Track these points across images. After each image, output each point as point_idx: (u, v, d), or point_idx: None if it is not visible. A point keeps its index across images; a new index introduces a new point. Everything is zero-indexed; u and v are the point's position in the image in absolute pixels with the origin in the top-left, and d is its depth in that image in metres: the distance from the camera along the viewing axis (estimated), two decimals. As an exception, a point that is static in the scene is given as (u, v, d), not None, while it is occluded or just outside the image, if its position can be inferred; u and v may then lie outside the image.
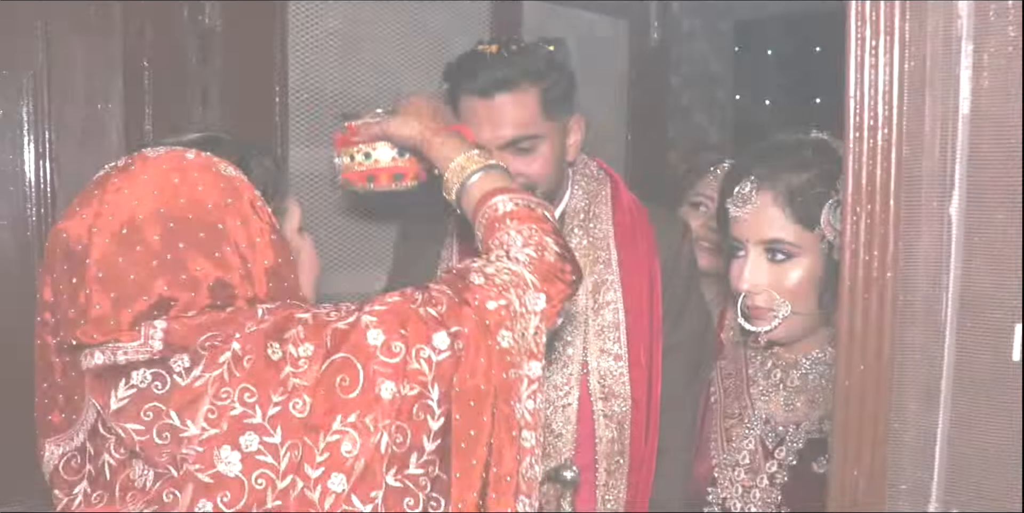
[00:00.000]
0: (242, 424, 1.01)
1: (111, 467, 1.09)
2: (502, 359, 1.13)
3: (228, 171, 1.15)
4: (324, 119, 2.62)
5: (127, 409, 1.04)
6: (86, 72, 2.08)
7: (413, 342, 1.08)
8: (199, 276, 1.08)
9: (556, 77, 1.78)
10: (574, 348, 1.82)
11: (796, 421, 1.57)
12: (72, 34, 2.05)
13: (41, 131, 2.02)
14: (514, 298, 1.16)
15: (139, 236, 1.06)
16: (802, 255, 1.49)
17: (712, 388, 1.76)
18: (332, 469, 1.03)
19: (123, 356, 1.05)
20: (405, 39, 2.83)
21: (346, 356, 1.05)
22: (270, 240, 1.15)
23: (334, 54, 2.62)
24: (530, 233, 1.26)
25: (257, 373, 1.03)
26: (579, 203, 1.92)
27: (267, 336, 1.05)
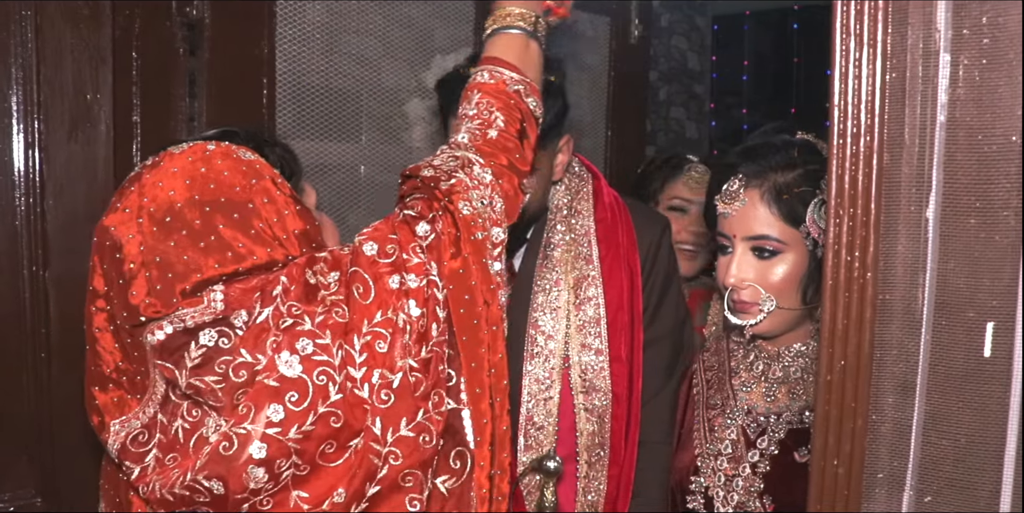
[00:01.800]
0: (295, 332, 1.13)
1: (184, 430, 1.17)
2: (467, 225, 1.24)
3: (247, 156, 1.25)
4: (310, 110, 2.64)
5: (202, 365, 1.14)
6: (76, 63, 2.09)
7: (402, 241, 1.20)
8: (243, 251, 1.17)
9: (549, 105, 1.68)
10: (556, 342, 1.83)
11: (777, 412, 1.59)
12: (62, 25, 2.05)
13: (30, 121, 2.02)
14: (463, 176, 1.27)
15: (182, 222, 1.16)
16: (787, 251, 1.51)
17: (695, 380, 1.78)
18: (373, 366, 1.14)
19: (191, 320, 1.14)
20: (387, 31, 2.84)
21: (355, 270, 1.17)
22: (296, 210, 1.24)
23: (318, 46, 2.64)
24: (483, 109, 1.38)
25: (301, 295, 1.16)
26: (562, 199, 1.92)
27: (303, 266, 1.19)
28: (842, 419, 0.97)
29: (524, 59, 1.46)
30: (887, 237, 0.97)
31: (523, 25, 1.47)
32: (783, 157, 1.54)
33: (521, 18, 1.47)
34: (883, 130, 0.96)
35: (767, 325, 1.55)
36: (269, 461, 1.11)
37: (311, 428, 1.11)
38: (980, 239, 0.92)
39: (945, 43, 0.94)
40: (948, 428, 0.94)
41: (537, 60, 1.50)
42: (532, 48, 1.49)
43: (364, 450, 1.13)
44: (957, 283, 0.94)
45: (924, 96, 0.96)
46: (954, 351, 0.93)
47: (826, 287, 0.99)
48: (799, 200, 1.50)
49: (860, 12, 0.95)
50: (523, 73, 1.43)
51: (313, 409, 1.11)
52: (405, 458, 1.14)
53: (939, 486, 0.94)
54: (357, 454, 1.14)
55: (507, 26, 1.48)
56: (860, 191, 0.97)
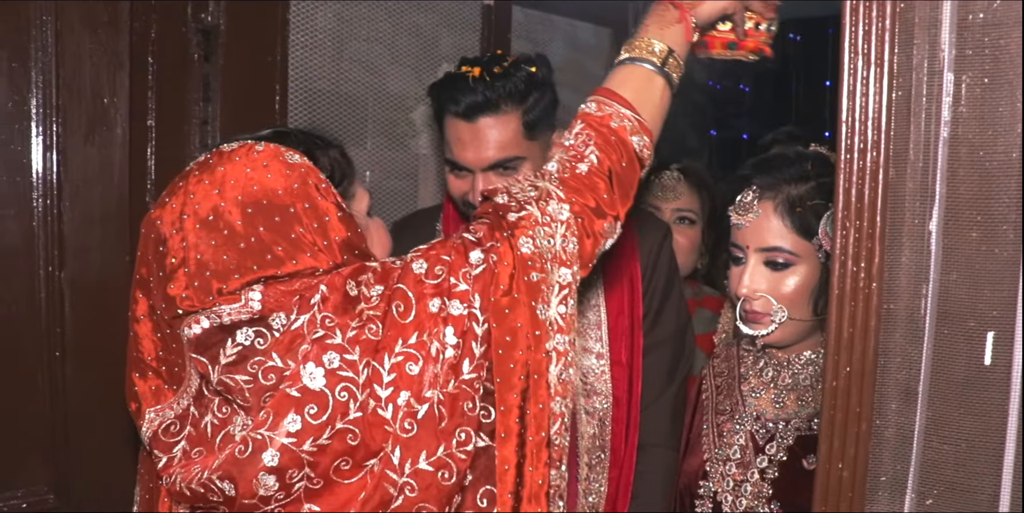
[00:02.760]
0: (324, 344, 1.12)
1: (213, 426, 1.18)
2: (524, 264, 1.18)
3: (294, 159, 1.24)
4: (320, 116, 2.68)
5: (236, 363, 1.15)
6: (94, 67, 2.12)
7: (454, 264, 1.16)
8: (282, 255, 1.18)
9: (537, 97, 1.79)
10: None
11: (785, 418, 1.60)
12: (81, 30, 2.09)
13: (49, 124, 2.06)
14: (535, 210, 1.21)
15: (224, 222, 1.17)
16: (800, 263, 1.52)
17: (704, 385, 1.79)
18: (400, 387, 1.12)
19: (228, 317, 1.16)
20: (395, 38, 2.87)
21: (400, 286, 1.15)
22: (338, 217, 1.23)
23: (328, 52, 2.67)
24: (580, 141, 1.30)
25: (337, 306, 1.14)
26: None
27: (346, 277, 1.17)
28: (847, 424, 1.01)
29: (642, 95, 1.36)
30: (892, 249, 1.00)
31: (652, 60, 1.38)
32: (797, 170, 1.56)
33: (654, 54, 1.38)
34: (889, 146, 1.00)
35: (778, 335, 1.55)
36: (281, 470, 1.11)
37: (327, 442, 1.11)
38: (981, 252, 0.96)
39: (949, 63, 0.98)
40: (949, 433, 0.97)
41: (659, 100, 1.39)
42: (656, 85, 1.39)
43: (380, 476, 1.12)
44: (959, 294, 0.97)
45: (928, 114, 0.99)
46: (955, 359, 0.97)
47: (832, 296, 1.02)
48: (812, 213, 1.51)
49: (868, 33, 0.99)
50: (636, 109, 1.34)
51: (331, 424, 1.11)
52: (421, 491, 1.12)
53: (940, 489, 0.97)
54: (373, 477, 1.12)
55: (636, 58, 1.39)
56: (866, 204, 1.00)
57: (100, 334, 2.12)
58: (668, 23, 1.42)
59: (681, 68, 1.42)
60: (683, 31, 1.43)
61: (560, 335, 1.21)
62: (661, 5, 1.45)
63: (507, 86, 1.75)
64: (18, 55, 2.01)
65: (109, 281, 2.16)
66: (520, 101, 1.77)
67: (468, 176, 1.80)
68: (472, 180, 1.78)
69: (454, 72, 1.83)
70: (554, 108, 1.85)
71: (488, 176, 1.77)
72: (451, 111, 1.77)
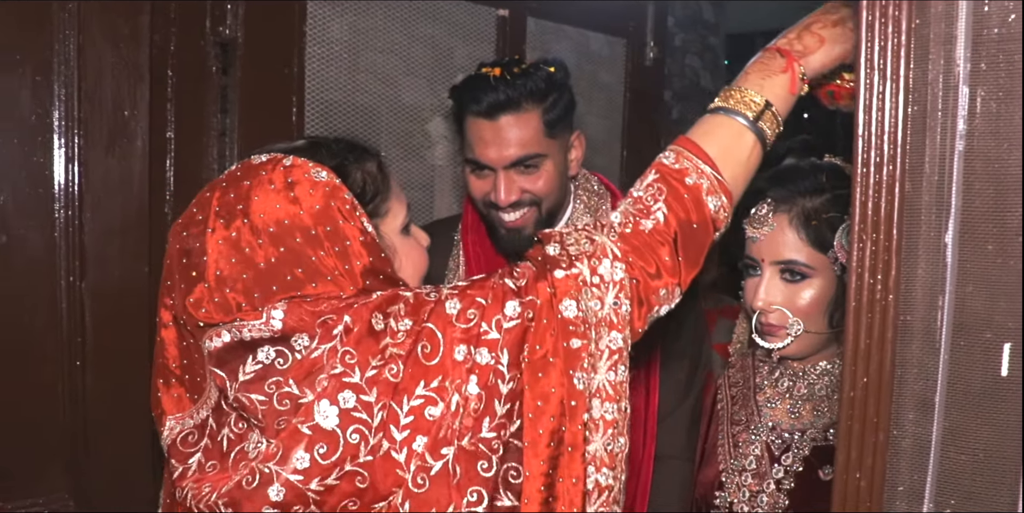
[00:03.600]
0: (341, 382, 1.09)
1: (229, 440, 1.16)
2: (564, 328, 1.11)
3: (320, 176, 1.20)
4: (336, 127, 2.70)
5: (253, 382, 1.12)
6: (115, 80, 2.16)
7: (488, 310, 1.11)
8: (301, 277, 1.15)
9: (556, 97, 1.82)
10: None
11: (801, 429, 1.59)
12: (103, 44, 2.13)
13: (71, 136, 2.09)
14: (585, 268, 1.14)
15: (245, 241, 1.15)
16: (815, 276, 1.51)
17: (719, 395, 1.79)
18: (417, 431, 1.08)
19: (248, 333, 1.13)
20: (409, 50, 2.90)
21: (428, 325, 1.11)
22: (360, 242, 1.19)
23: (343, 64, 2.70)
24: (650, 194, 1.20)
25: (360, 340, 1.10)
26: (580, 217, 1.95)
27: (373, 309, 1.12)
28: (864, 434, 1.02)
29: (728, 151, 1.25)
30: (908, 261, 1.01)
31: (746, 112, 1.26)
32: (812, 182, 1.55)
33: (748, 106, 1.26)
34: (905, 160, 1.01)
35: (794, 348, 1.55)
36: (285, 505, 1.08)
37: (335, 483, 1.08)
38: (997, 264, 0.96)
39: (964, 78, 0.99)
40: (966, 443, 0.97)
41: (746, 158, 1.26)
42: (745, 142, 1.26)
43: None
44: (975, 305, 0.97)
45: (944, 127, 1.00)
46: (972, 370, 0.97)
47: (849, 308, 1.03)
48: (827, 225, 1.50)
49: (884, 49, 1.00)
50: (718, 167, 1.22)
51: (340, 465, 1.08)
52: None
53: (958, 499, 0.98)
54: None
55: (728, 109, 1.27)
56: (883, 217, 1.01)
57: (120, 343, 2.15)
58: (771, 72, 1.29)
59: (779, 125, 1.29)
60: (787, 83, 1.29)
61: (609, 403, 1.14)
62: (767, 52, 1.33)
63: (528, 85, 1.78)
64: (41, 69, 2.04)
65: (129, 291, 2.19)
66: (540, 100, 1.80)
67: (490, 175, 1.82)
68: (494, 179, 1.81)
69: (474, 74, 1.86)
70: (572, 109, 1.88)
71: (510, 174, 1.79)
72: (472, 110, 1.80)
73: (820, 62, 1.31)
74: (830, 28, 1.32)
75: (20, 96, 2.02)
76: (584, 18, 3.46)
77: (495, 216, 1.85)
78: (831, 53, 1.31)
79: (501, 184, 1.79)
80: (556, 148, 1.84)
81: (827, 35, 1.31)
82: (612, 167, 3.65)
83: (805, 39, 1.31)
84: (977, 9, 0.96)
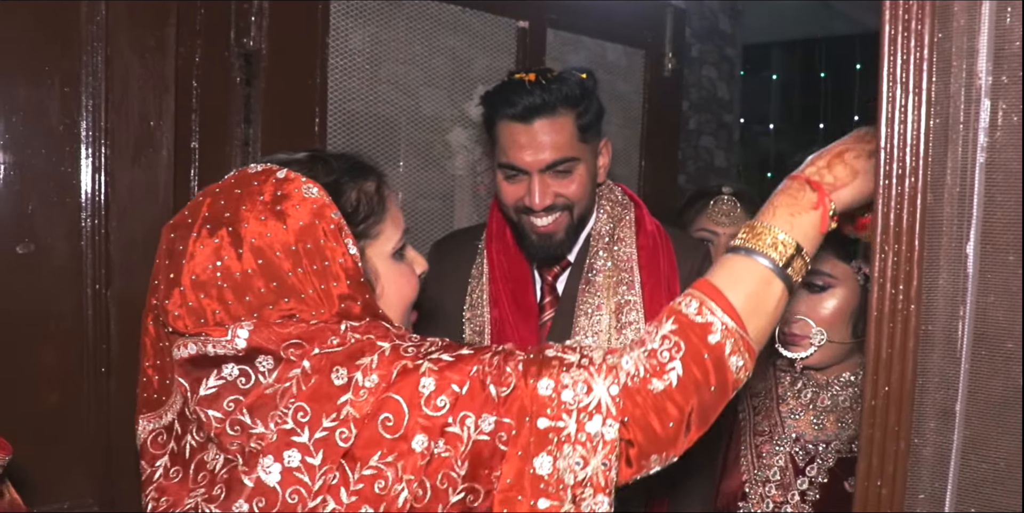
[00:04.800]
0: (289, 440, 1.06)
1: (191, 448, 1.17)
2: (535, 485, 1.02)
3: (311, 193, 1.18)
4: (358, 138, 2.73)
5: (212, 397, 1.12)
6: (141, 91, 2.18)
7: (460, 403, 1.05)
8: (275, 290, 1.14)
9: (588, 102, 1.84)
10: None
11: (826, 440, 1.59)
12: (130, 55, 2.15)
13: (98, 146, 2.12)
14: (571, 424, 1.03)
15: (227, 249, 1.14)
16: (838, 286, 1.52)
17: (740, 405, 1.79)
18: (363, 501, 1.04)
19: (213, 349, 1.13)
20: (429, 60, 2.93)
21: (395, 397, 1.05)
22: (339, 264, 1.17)
23: (364, 75, 2.73)
24: (666, 348, 1.07)
25: (317, 395, 1.07)
26: (604, 227, 1.97)
27: (336, 361, 1.08)
28: (885, 442, 1.03)
29: (755, 302, 1.12)
30: (929, 272, 1.02)
31: (775, 257, 1.14)
32: None
33: (777, 248, 1.15)
34: (927, 172, 1.02)
35: (817, 358, 1.55)
36: None
37: None
38: (1018, 274, 0.98)
39: (986, 91, 1.01)
40: (987, 452, 0.99)
41: (773, 309, 1.14)
42: (773, 291, 1.14)
43: None
44: (996, 315, 0.99)
45: (966, 140, 1.02)
46: (993, 380, 0.99)
47: (871, 318, 1.05)
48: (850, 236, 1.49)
49: (907, 62, 1.02)
50: (743, 321, 1.10)
51: None
52: None
53: (978, 508, 0.99)
54: None
55: (755, 251, 1.15)
56: (904, 228, 1.03)
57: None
58: (802, 208, 1.18)
59: (806, 270, 1.18)
60: (818, 221, 1.18)
61: None
62: (795, 182, 1.21)
63: (563, 89, 1.80)
64: (69, 80, 2.07)
65: (154, 299, 2.21)
66: (574, 104, 1.82)
67: (523, 180, 1.84)
68: (528, 184, 1.82)
69: (508, 79, 1.88)
70: (601, 116, 1.91)
71: (544, 178, 1.81)
72: (507, 114, 1.82)
73: (851, 196, 1.21)
74: (864, 159, 1.21)
75: (48, 107, 2.05)
76: (603, 29, 3.48)
77: (527, 221, 1.87)
78: (864, 188, 1.20)
79: (536, 188, 1.80)
80: (588, 153, 1.87)
81: (861, 167, 1.21)
82: (631, 177, 3.67)
83: (836, 170, 1.20)
84: (999, 23, 0.98)
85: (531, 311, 1.94)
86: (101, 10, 2.09)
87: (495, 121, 1.87)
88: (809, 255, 1.18)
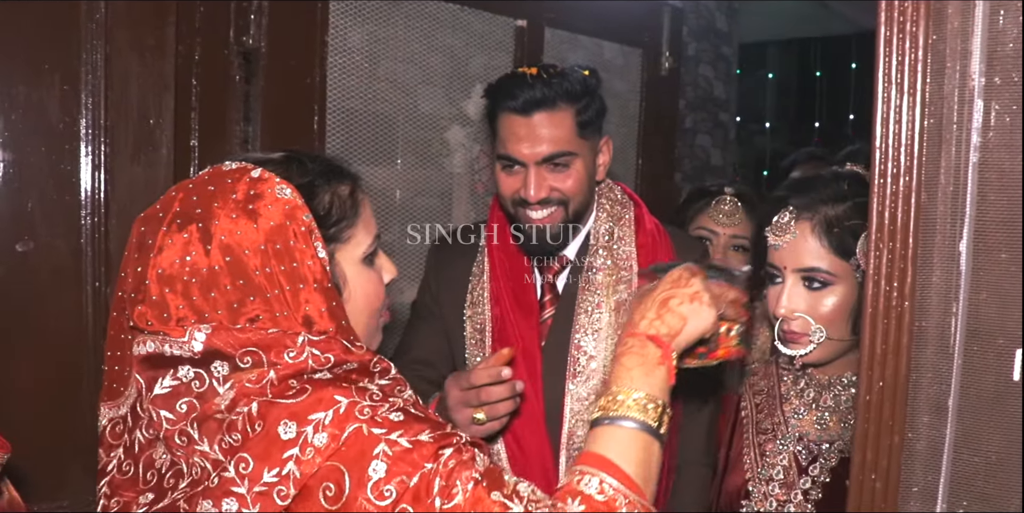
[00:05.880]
0: (228, 490, 1.04)
1: (140, 444, 1.16)
2: None
3: (284, 194, 1.17)
4: (356, 136, 2.74)
5: (166, 397, 1.12)
6: (140, 89, 2.20)
7: (407, 500, 1.04)
8: (241, 288, 1.13)
9: (589, 99, 1.85)
10: (597, 362, 1.86)
11: (829, 439, 1.59)
12: (129, 54, 2.16)
13: (98, 144, 2.13)
14: None
15: (195, 245, 1.13)
16: (837, 283, 1.51)
17: (743, 403, 1.78)
18: None
19: (170, 349, 1.12)
20: (426, 59, 2.94)
21: (343, 470, 1.04)
22: (308, 267, 1.16)
23: (362, 73, 2.75)
24: None
25: (261, 446, 1.05)
26: (603, 225, 1.97)
27: (285, 414, 1.06)
28: (880, 436, 1.04)
29: (645, 469, 1.13)
30: (923, 269, 1.04)
31: (650, 421, 1.16)
32: (834, 190, 1.54)
33: (647, 412, 1.16)
34: (921, 171, 1.04)
35: (817, 355, 1.55)
36: None
37: None
38: (1010, 272, 0.99)
39: (979, 92, 1.02)
40: (979, 446, 1.00)
41: (657, 469, 1.16)
42: (655, 451, 1.16)
43: None
44: (988, 312, 1.01)
45: (959, 140, 1.03)
46: (985, 375, 1.00)
47: (866, 314, 1.06)
48: (849, 233, 1.49)
49: (901, 64, 1.03)
50: (641, 489, 1.11)
51: None
52: None
53: (970, 500, 1.01)
54: None
55: (629, 418, 1.16)
56: (899, 227, 1.04)
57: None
58: (652, 366, 1.20)
59: (668, 423, 1.20)
60: (667, 374, 1.21)
61: None
62: (636, 339, 1.23)
63: (563, 84, 1.80)
64: (69, 78, 2.08)
65: (153, 296, 2.22)
66: (575, 100, 1.82)
67: (520, 172, 1.84)
68: (524, 176, 1.83)
69: (511, 72, 1.89)
70: (603, 114, 1.91)
71: (541, 171, 1.81)
72: (507, 107, 1.82)
73: (686, 341, 1.25)
74: (687, 303, 1.25)
75: (48, 105, 2.06)
76: (601, 28, 3.50)
77: (523, 214, 1.87)
78: (693, 330, 1.24)
79: (532, 180, 1.81)
80: (586, 149, 1.87)
81: (686, 311, 1.24)
82: (628, 175, 3.69)
83: (667, 319, 1.24)
84: (992, 26, 0.99)
85: (531, 309, 1.94)
86: (101, 9, 2.10)
87: (496, 113, 1.87)
88: (668, 405, 1.19)
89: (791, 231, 1.54)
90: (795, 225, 1.55)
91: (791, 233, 1.54)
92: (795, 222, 1.55)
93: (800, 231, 1.54)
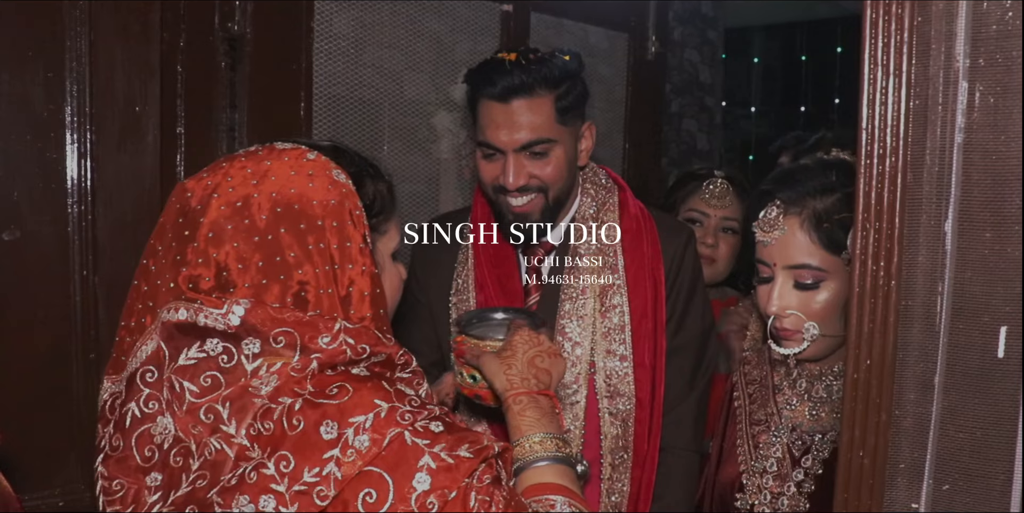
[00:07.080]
0: (267, 486, 1.04)
1: (134, 417, 1.14)
2: None
3: (339, 177, 1.20)
4: (343, 122, 2.73)
5: (191, 369, 1.11)
6: (126, 76, 2.19)
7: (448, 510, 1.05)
8: (291, 261, 1.14)
9: (570, 85, 1.84)
10: (582, 348, 1.88)
11: (821, 431, 1.56)
12: (114, 41, 2.15)
13: (83, 131, 2.12)
14: None
15: (249, 212, 1.14)
16: (829, 279, 1.48)
17: (736, 392, 1.77)
18: None
19: (204, 319, 1.12)
20: (412, 44, 2.94)
21: (387, 478, 1.05)
22: (359, 248, 1.18)
23: (347, 59, 2.74)
24: None
25: (303, 445, 1.05)
26: (588, 210, 1.97)
27: (327, 414, 1.07)
28: (867, 414, 1.05)
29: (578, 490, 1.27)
30: (909, 249, 1.05)
31: (558, 454, 1.29)
32: (821, 182, 1.50)
33: (544, 448, 1.29)
34: (907, 152, 1.04)
35: (811, 352, 1.52)
36: None
37: None
38: (995, 251, 1.00)
39: (964, 73, 1.03)
40: (965, 422, 1.01)
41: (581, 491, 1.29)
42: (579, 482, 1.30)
43: None
44: (973, 290, 1.01)
45: (944, 121, 1.04)
46: (970, 352, 1.01)
47: (853, 294, 1.07)
48: (839, 227, 1.46)
49: (887, 45, 1.04)
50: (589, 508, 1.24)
51: None
52: None
53: (956, 475, 1.02)
54: None
55: (540, 458, 1.28)
56: (885, 207, 1.05)
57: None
58: (549, 412, 1.37)
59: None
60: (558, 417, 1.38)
61: None
62: (526, 398, 1.37)
63: (542, 71, 1.79)
64: (53, 65, 2.07)
65: (141, 284, 2.21)
66: (554, 86, 1.81)
67: (500, 159, 1.84)
68: (503, 163, 1.82)
69: (490, 58, 1.87)
70: (584, 100, 1.90)
71: (519, 158, 1.81)
72: (486, 93, 1.82)
73: (554, 388, 1.43)
74: (547, 357, 1.44)
75: (32, 92, 2.05)
76: (586, 13, 3.49)
77: (503, 201, 1.87)
78: (558, 375, 1.45)
79: (510, 167, 1.81)
80: (566, 136, 1.86)
81: (549, 365, 1.43)
82: (614, 160, 3.69)
83: (541, 377, 1.41)
84: (976, 7, 1.00)
85: (516, 295, 1.94)
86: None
87: (476, 99, 1.87)
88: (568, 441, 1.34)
89: (779, 227, 1.51)
90: (783, 220, 1.51)
91: (779, 229, 1.51)
92: (783, 217, 1.51)
93: (789, 226, 1.50)
